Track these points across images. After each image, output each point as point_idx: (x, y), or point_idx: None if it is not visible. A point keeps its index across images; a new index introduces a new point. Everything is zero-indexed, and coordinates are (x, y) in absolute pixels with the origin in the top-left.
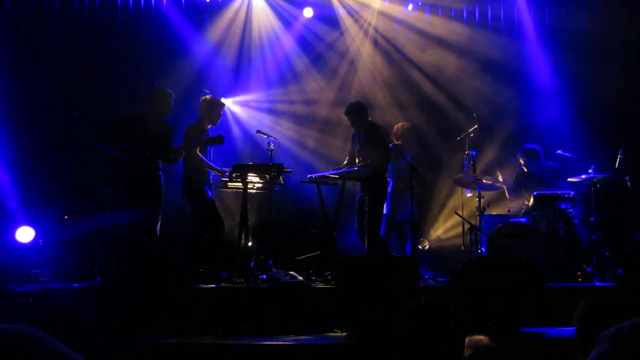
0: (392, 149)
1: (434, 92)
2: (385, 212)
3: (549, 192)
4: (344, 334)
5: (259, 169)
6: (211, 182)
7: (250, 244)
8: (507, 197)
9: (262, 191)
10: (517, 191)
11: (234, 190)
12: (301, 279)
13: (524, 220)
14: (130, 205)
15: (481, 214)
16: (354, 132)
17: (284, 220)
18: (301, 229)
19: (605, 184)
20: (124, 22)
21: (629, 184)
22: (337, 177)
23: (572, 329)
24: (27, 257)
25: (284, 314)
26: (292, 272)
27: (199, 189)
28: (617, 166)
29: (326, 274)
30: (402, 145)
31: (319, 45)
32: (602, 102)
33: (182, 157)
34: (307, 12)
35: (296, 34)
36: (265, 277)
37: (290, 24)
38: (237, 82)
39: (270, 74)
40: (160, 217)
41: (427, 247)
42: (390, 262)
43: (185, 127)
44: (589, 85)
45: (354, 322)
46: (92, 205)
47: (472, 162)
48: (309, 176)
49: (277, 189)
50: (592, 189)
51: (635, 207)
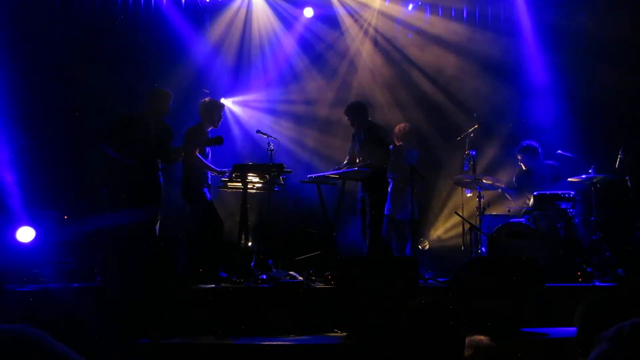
0: (393, 150)
1: (434, 92)
2: (385, 213)
3: (549, 192)
4: (344, 334)
5: (259, 169)
6: (210, 182)
7: (250, 244)
8: (507, 197)
9: (262, 191)
10: (517, 190)
11: (234, 190)
12: (301, 279)
13: (524, 220)
14: (129, 205)
15: (481, 214)
16: (354, 132)
17: (284, 220)
18: (301, 229)
19: (605, 184)
20: (124, 22)
21: (629, 184)
22: (337, 177)
23: (572, 329)
24: (28, 257)
25: (284, 314)
26: (292, 272)
27: (198, 190)
28: (617, 166)
29: (326, 274)
30: (403, 146)
31: (319, 45)
32: (602, 102)
33: (182, 157)
34: (308, 12)
35: (296, 33)
36: (265, 277)
37: (290, 24)
38: (237, 82)
39: (270, 74)
40: (159, 217)
41: (427, 247)
42: (390, 262)
43: (185, 127)
44: (589, 85)
45: (354, 322)
46: (92, 205)
47: (472, 162)
48: (309, 176)
49: (277, 189)
50: (592, 189)
51: (635, 207)
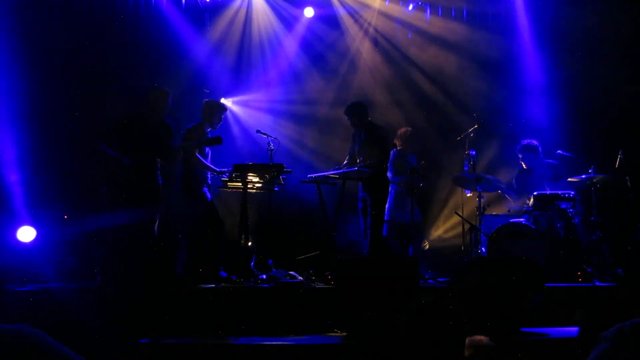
0: (397, 153)
1: (434, 91)
2: (387, 218)
3: (549, 192)
4: (344, 334)
5: (259, 169)
6: (210, 182)
7: (250, 244)
8: (507, 197)
9: (262, 191)
10: (517, 190)
11: (234, 190)
12: (301, 279)
13: (524, 220)
14: (129, 205)
15: (481, 214)
16: (354, 132)
17: (284, 220)
18: (301, 229)
19: (605, 184)
20: (124, 22)
21: (628, 184)
22: (337, 177)
23: (572, 329)
24: (28, 256)
25: (284, 314)
26: (292, 272)
27: (198, 190)
28: (617, 166)
29: (326, 274)
30: (405, 150)
31: (319, 45)
32: (602, 102)
33: (181, 157)
34: (308, 12)
35: (296, 33)
36: (265, 277)
37: (290, 24)
38: (237, 82)
39: (270, 74)
40: (158, 217)
41: (427, 247)
42: (390, 262)
43: (185, 127)
44: (589, 84)
45: (354, 322)
46: (92, 205)
47: (472, 162)
48: (309, 176)
49: (277, 189)
50: (592, 189)
51: (635, 207)
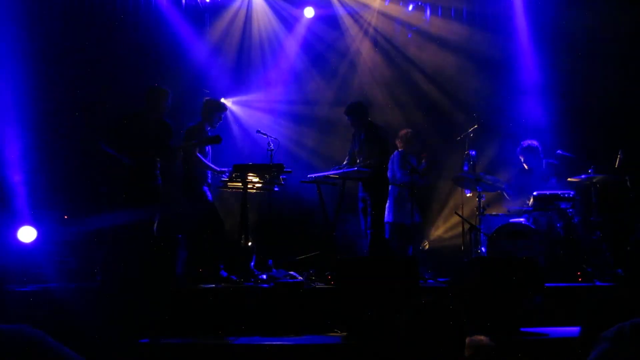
0: (400, 154)
1: (434, 91)
2: (389, 220)
3: (549, 192)
4: (344, 334)
5: (259, 169)
6: (210, 182)
7: (250, 244)
8: (507, 197)
9: (262, 191)
10: (517, 190)
11: (234, 190)
12: (301, 279)
13: (524, 220)
14: (129, 205)
15: (481, 214)
16: (354, 132)
17: (284, 220)
18: (301, 229)
19: (605, 184)
20: (124, 22)
21: (628, 184)
22: (337, 177)
23: (572, 329)
24: (28, 257)
25: (284, 314)
26: (292, 272)
27: (198, 189)
28: (617, 166)
29: (326, 274)
30: (406, 151)
31: (319, 45)
32: (602, 102)
33: (181, 157)
34: (308, 12)
35: (296, 33)
36: (265, 277)
37: (290, 24)
38: (237, 82)
39: (270, 74)
40: (158, 217)
41: (427, 247)
42: (390, 262)
43: (185, 126)
44: (589, 84)
45: (354, 322)
46: (92, 205)
47: (472, 162)
48: (309, 176)
49: (277, 189)
50: (592, 189)
51: (635, 207)
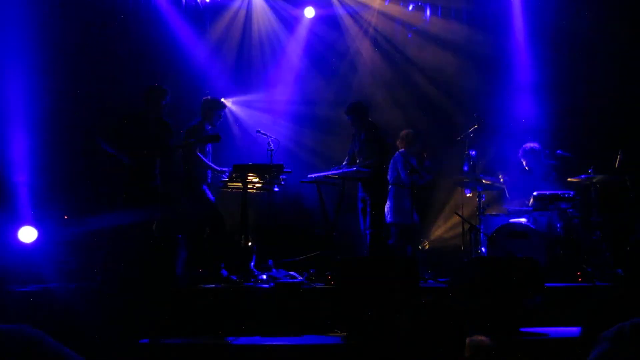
0: (402, 154)
1: (433, 92)
2: (390, 221)
3: (549, 192)
4: (344, 334)
5: (259, 169)
6: (209, 182)
7: (250, 244)
8: (507, 197)
9: (262, 191)
10: (517, 190)
11: (234, 190)
12: (301, 279)
13: (524, 220)
14: (129, 205)
15: (481, 214)
16: (354, 132)
17: (284, 220)
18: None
19: (605, 184)
20: (124, 22)
21: (628, 184)
22: (337, 177)
23: (572, 329)
24: (29, 257)
25: (284, 314)
26: (292, 272)
27: (198, 189)
28: (616, 166)
29: (326, 274)
30: (408, 152)
31: (319, 45)
32: (602, 102)
33: (181, 156)
34: (309, 12)
35: (296, 34)
36: (265, 277)
37: (290, 24)
38: (237, 82)
39: (270, 74)
40: (158, 217)
41: (427, 247)
42: (390, 262)
43: (185, 126)
44: (589, 84)
45: (354, 322)
46: (92, 205)
47: (472, 162)
48: (309, 176)
49: (277, 189)
50: (592, 189)
51: (635, 207)
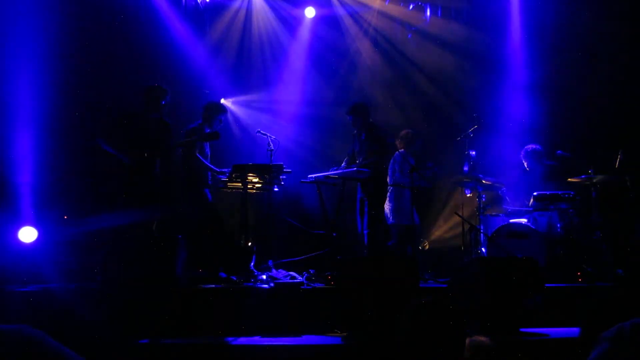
0: (401, 154)
1: (433, 92)
2: (390, 222)
3: (549, 192)
4: (344, 334)
5: (259, 169)
6: (210, 183)
7: (250, 244)
8: (507, 199)
9: (262, 191)
10: (517, 191)
11: (234, 190)
12: (301, 279)
13: (524, 220)
14: (129, 205)
15: (481, 214)
16: (355, 132)
17: (284, 220)
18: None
19: (605, 184)
20: (124, 22)
21: (628, 184)
22: (337, 177)
23: (572, 329)
24: (29, 257)
25: (284, 314)
26: (292, 272)
27: (198, 190)
28: (616, 166)
29: (326, 273)
30: (407, 152)
31: (319, 45)
32: (602, 102)
33: (181, 157)
34: (309, 12)
35: (296, 34)
36: (265, 277)
37: (290, 24)
38: (237, 82)
39: (270, 74)
40: (158, 217)
41: (427, 247)
42: (390, 262)
43: (185, 127)
44: (589, 84)
45: (354, 322)
46: (92, 205)
47: (472, 162)
48: (309, 177)
49: (276, 189)
50: (592, 189)
51: (635, 207)
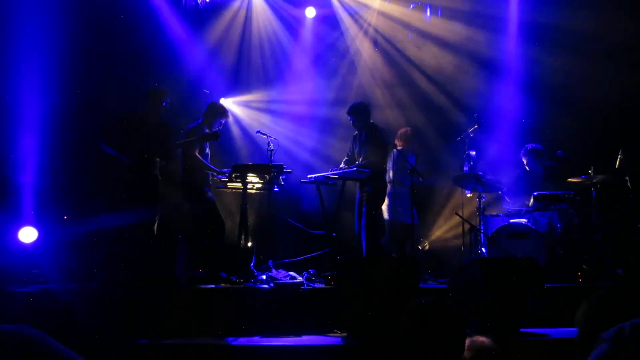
0: (398, 155)
1: (433, 92)
2: (390, 218)
3: (549, 192)
4: (344, 334)
5: (259, 170)
6: (210, 183)
7: (250, 244)
8: (506, 199)
9: (261, 191)
10: (517, 191)
11: (234, 190)
12: (301, 279)
13: (524, 220)
14: (129, 205)
15: (481, 214)
16: (355, 132)
17: (284, 220)
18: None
19: (605, 184)
20: (123, 22)
21: (628, 184)
22: (337, 177)
23: (573, 329)
24: (29, 257)
25: (284, 314)
26: (292, 272)
27: (198, 190)
28: (617, 166)
29: (326, 273)
30: (405, 150)
31: (319, 45)
32: (602, 102)
33: (181, 157)
34: (310, 12)
35: (296, 33)
36: (265, 277)
37: (290, 24)
38: (237, 82)
39: (270, 74)
40: (158, 217)
41: (427, 247)
42: (390, 262)
43: (185, 127)
44: (589, 85)
45: (354, 322)
46: (92, 205)
47: (472, 163)
48: (309, 177)
49: (276, 189)
50: (592, 189)
51: (635, 207)
